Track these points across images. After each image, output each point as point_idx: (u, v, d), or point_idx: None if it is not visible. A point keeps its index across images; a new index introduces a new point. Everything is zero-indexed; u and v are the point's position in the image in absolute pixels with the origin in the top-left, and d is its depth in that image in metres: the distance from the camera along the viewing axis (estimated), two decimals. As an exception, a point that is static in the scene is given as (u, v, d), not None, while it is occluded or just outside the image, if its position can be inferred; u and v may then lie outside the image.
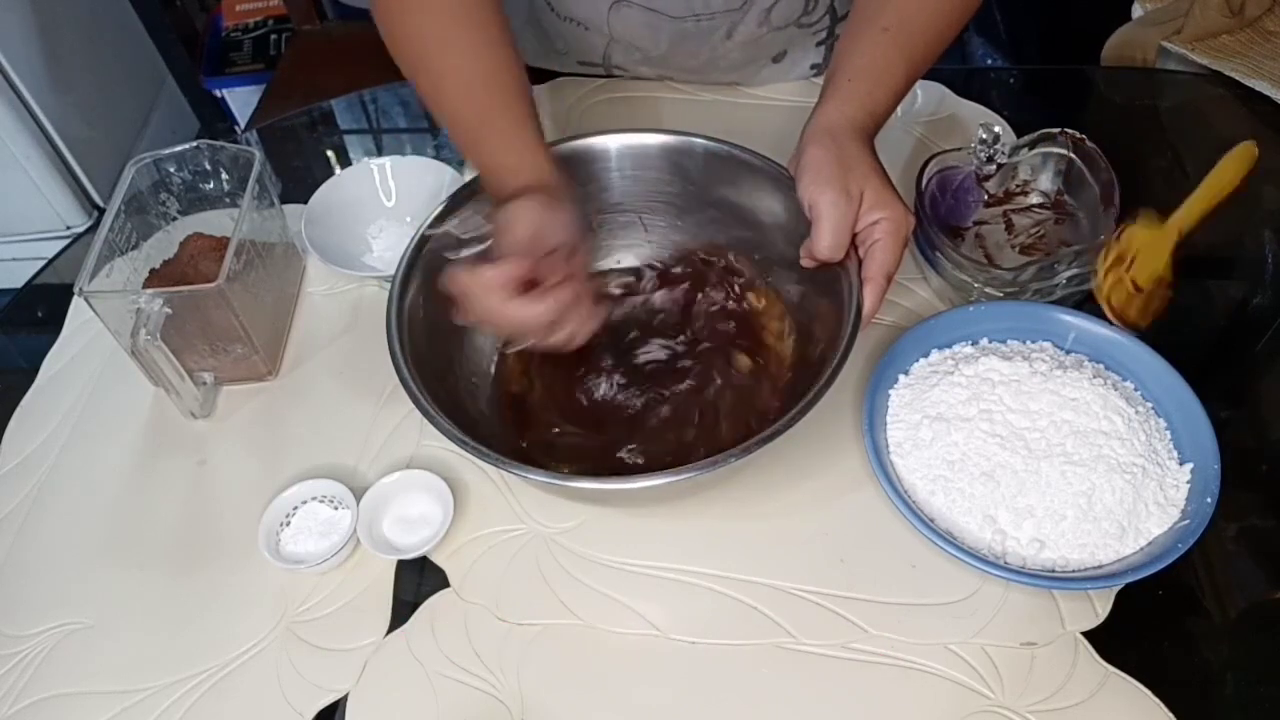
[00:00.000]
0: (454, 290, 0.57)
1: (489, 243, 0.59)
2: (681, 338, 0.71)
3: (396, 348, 0.61)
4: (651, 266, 0.75)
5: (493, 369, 0.71)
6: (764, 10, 0.82)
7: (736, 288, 0.73)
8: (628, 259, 0.76)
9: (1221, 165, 0.73)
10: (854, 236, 0.61)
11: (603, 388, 0.69)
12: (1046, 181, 0.77)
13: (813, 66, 0.92)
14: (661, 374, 0.69)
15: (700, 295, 0.73)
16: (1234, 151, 0.73)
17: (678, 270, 0.75)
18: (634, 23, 0.84)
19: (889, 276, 0.60)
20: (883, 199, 0.60)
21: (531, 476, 0.56)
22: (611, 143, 0.70)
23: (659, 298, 0.74)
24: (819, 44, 0.90)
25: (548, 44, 0.92)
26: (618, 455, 0.66)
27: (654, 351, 0.71)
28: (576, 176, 0.71)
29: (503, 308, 0.56)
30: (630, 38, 0.86)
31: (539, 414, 0.69)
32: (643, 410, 0.68)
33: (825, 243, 0.60)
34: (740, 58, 0.89)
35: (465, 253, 0.56)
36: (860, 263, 0.61)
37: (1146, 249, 0.68)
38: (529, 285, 0.57)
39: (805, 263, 0.64)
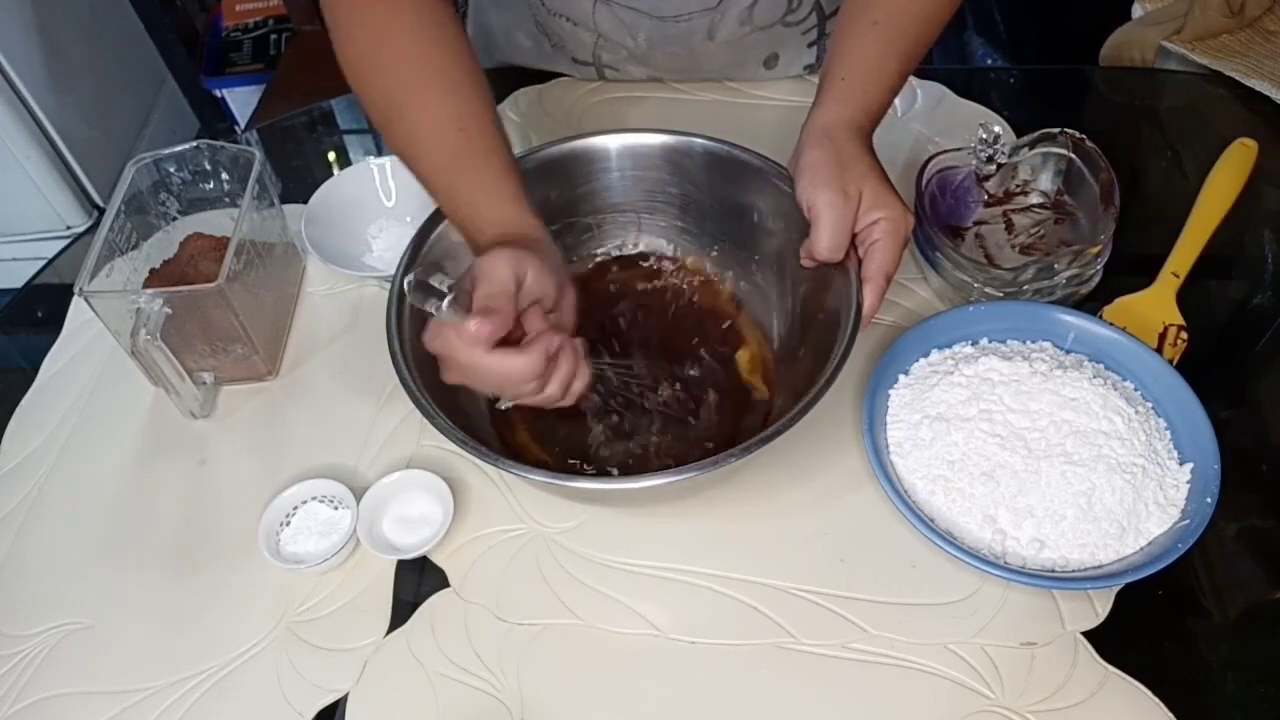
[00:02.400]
0: (434, 348, 0.54)
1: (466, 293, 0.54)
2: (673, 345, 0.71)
3: (397, 348, 0.61)
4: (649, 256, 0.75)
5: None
6: (744, 9, 0.82)
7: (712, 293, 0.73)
8: (622, 256, 0.76)
9: (1207, 192, 0.75)
10: (853, 236, 0.61)
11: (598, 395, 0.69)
12: (1046, 181, 0.77)
13: (806, 67, 0.92)
14: (657, 381, 0.69)
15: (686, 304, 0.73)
16: (1215, 174, 0.75)
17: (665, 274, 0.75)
18: (615, 19, 0.84)
19: (888, 276, 0.60)
20: (882, 199, 0.60)
21: (532, 476, 0.56)
22: (611, 143, 0.70)
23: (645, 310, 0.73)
24: (810, 45, 0.90)
25: (543, 41, 0.92)
26: (615, 452, 0.66)
27: (646, 360, 0.70)
28: (576, 176, 0.71)
29: (485, 361, 0.52)
30: (615, 35, 0.86)
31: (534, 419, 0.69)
32: (637, 417, 0.68)
33: (824, 243, 0.60)
34: (726, 59, 0.89)
35: (444, 304, 0.51)
36: (860, 263, 0.61)
37: (1136, 318, 0.70)
38: (514, 340, 0.54)
39: (805, 263, 0.64)
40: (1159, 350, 0.67)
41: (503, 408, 0.62)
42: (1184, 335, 0.69)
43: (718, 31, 0.84)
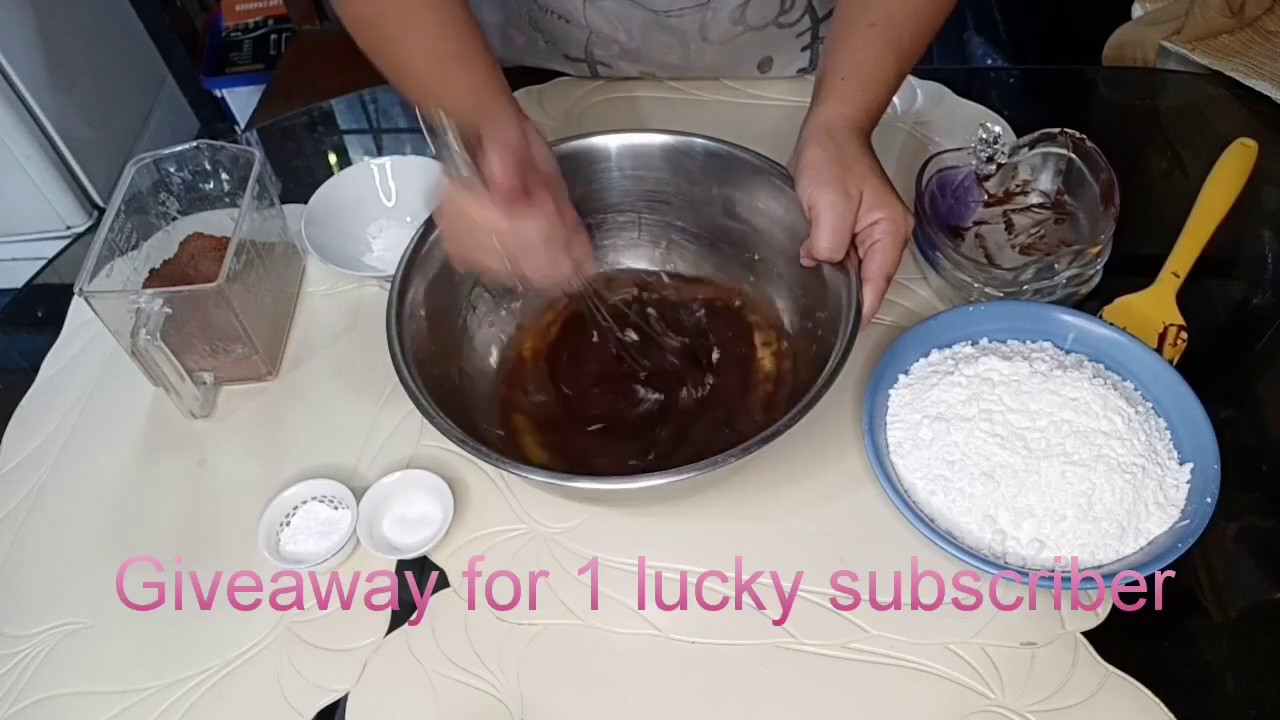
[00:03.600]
0: (443, 214, 0.54)
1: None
2: (677, 345, 0.71)
3: (397, 349, 0.61)
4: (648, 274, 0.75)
5: (494, 362, 0.71)
6: (736, 7, 0.82)
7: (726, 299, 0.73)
8: (626, 258, 0.76)
9: (1207, 192, 0.75)
10: (854, 236, 0.61)
11: (600, 395, 0.69)
12: (1046, 181, 0.77)
13: (800, 70, 0.92)
14: (659, 380, 0.69)
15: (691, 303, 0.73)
16: (1216, 174, 0.75)
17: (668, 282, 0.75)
18: (608, 14, 0.84)
19: (888, 277, 0.60)
20: (882, 199, 0.60)
21: (532, 476, 0.56)
22: (611, 142, 0.70)
23: (653, 310, 0.73)
24: (804, 49, 0.90)
25: (537, 38, 0.92)
26: (618, 453, 0.66)
27: (652, 359, 0.70)
28: (577, 176, 0.71)
29: (503, 219, 0.52)
30: (607, 30, 0.86)
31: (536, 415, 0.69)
32: (642, 415, 0.68)
33: (824, 243, 0.60)
34: (718, 60, 0.89)
35: (461, 166, 0.51)
36: (859, 263, 0.61)
37: (1136, 318, 0.70)
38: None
39: (805, 262, 0.64)
40: (1159, 350, 0.67)
41: (515, 290, 0.60)
42: (1184, 335, 0.69)
43: (710, 31, 0.84)
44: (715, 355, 0.71)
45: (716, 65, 0.90)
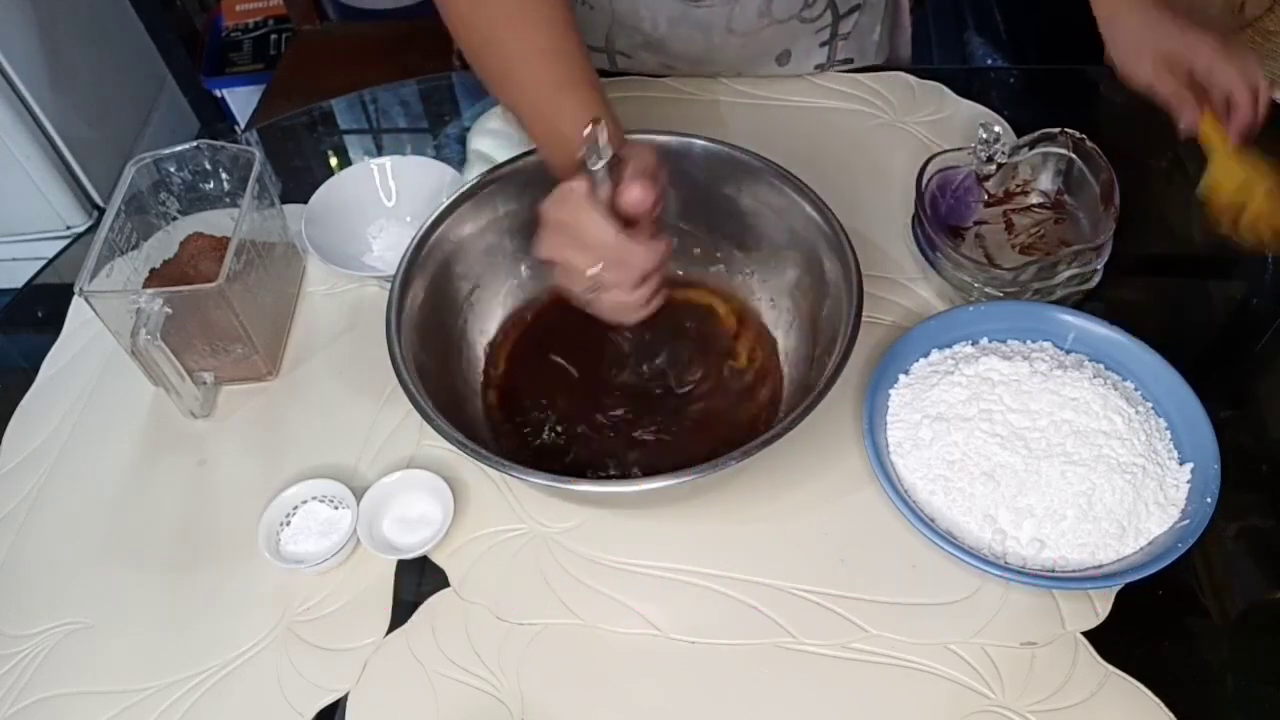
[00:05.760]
0: (558, 211, 0.54)
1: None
2: (674, 346, 0.71)
3: (396, 349, 0.61)
4: None
5: (494, 362, 0.71)
6: (764, 0, 0.83)
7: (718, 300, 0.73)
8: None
9: None
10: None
11: (599, 394, 0.69)
12: (1046, 181, 0.77)
13: (816, 66, 0.92)
14: (659, 381, 0.69)
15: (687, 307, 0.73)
16: None
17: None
18: (634, 3, 0.84)
19: (1252, 86, 0.69)
20: (1213, 52, 0.69)
21: (531, 479, 0.56)
22: None
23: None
24: (822, 44, 0.90)
25: None
26: (616, 452, 0.66)
27: (648, 361, 0.70)
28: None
29: (614, 238, 0.53)
30: (631, 19, 0.86)
31: (533, 412, 0.69)
32: (641, 416, 0.68)
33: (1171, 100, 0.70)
34: (741, 54, 0.89)
35: (599, 165, 0.51)
36: (856, 262, 0.61)
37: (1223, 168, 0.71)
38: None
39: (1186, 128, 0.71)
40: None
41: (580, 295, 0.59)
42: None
43: (736, 23, 0.85)
44: (715, 356, 0.70)
45: (737, 59, 0.90)
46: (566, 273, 0.57)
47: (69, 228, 1.75)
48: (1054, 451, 0.60)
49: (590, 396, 0.69)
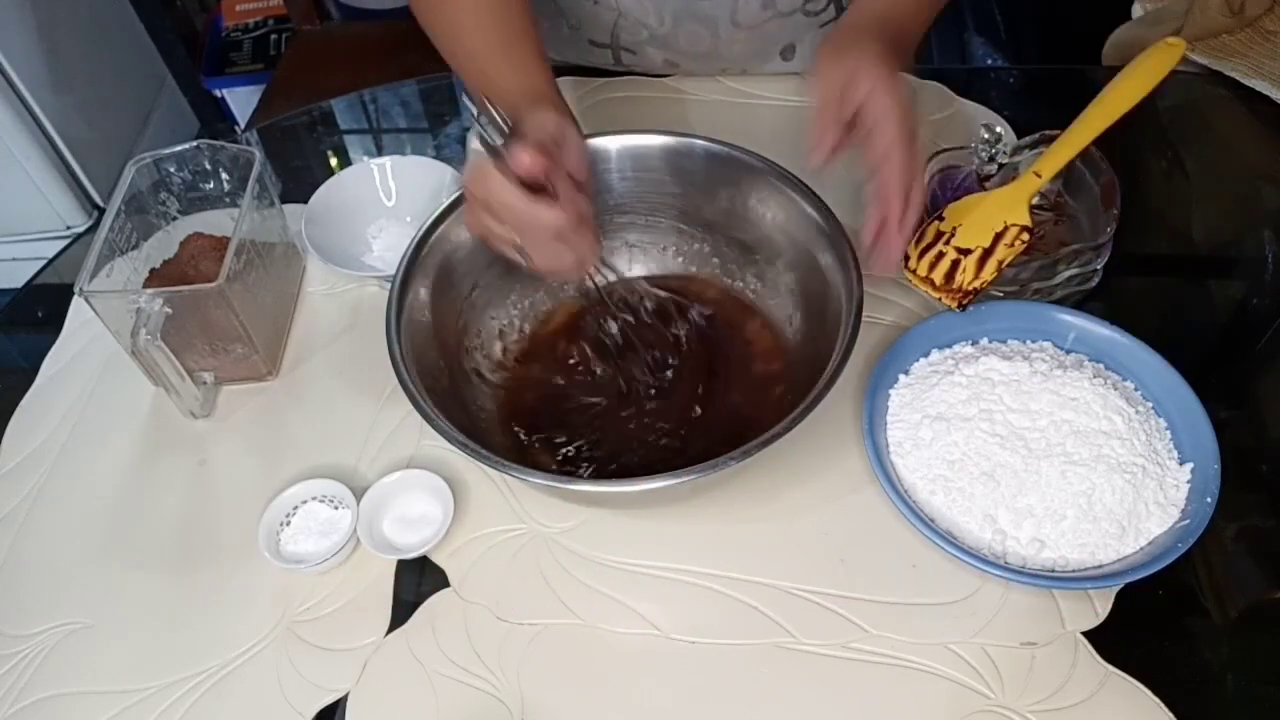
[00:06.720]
0: (470, 183, 0.57)
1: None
2: (676, 344, 0.71)
3: (396, 349, 0.61)
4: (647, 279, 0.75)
5: (495, 362, 0.71)
6: None
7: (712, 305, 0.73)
8: (626, 260, 0.76)
9: (1113, 91, 0.67)
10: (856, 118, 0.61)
11: (598, 394, 0.69)
12: (1046, 181, 0.77)
13: None
14: (658, 382, 0.69)
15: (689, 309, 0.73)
16: (1127, 75, 0.67)
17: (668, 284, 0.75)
18: None
19: (899, 140, 0.58)
20: (877, 74, 0.59)
21: (530, 479, 0.56)
22: (612, 144, 0.70)
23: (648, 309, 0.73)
24: None
25: (561, 23, 0.92)
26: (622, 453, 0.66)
27: (646, 356, 0.70)
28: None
29: (518, 201, 0.56)
30: (637, 13, 0.87)
31: (539, 415, 0.69)
32: (640, 417, 0.68)
33: (818, 113, 0.61)
34: (746, 48, 0.89)
35: (495, 137, 0.56)
36: (857, 269, 0.61)
37: (978, 214, 0.68)
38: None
39: (813, 161, 0.63)
40: (992, 249, 0.66)
41: (522, 268, 0.62)
42: (1024, 237, 0.66)
43: (741, 16, 0.85)
44: (714, 357, 0.70)
45: (742, 54, 0.91)
46: (490, 240, 0.60)
47: (69, 228, 1.75)
48: (1054, 451, 0.60)
49: (590, 396, 0.69)
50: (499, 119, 0.58)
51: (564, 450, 0.67)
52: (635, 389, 0.69)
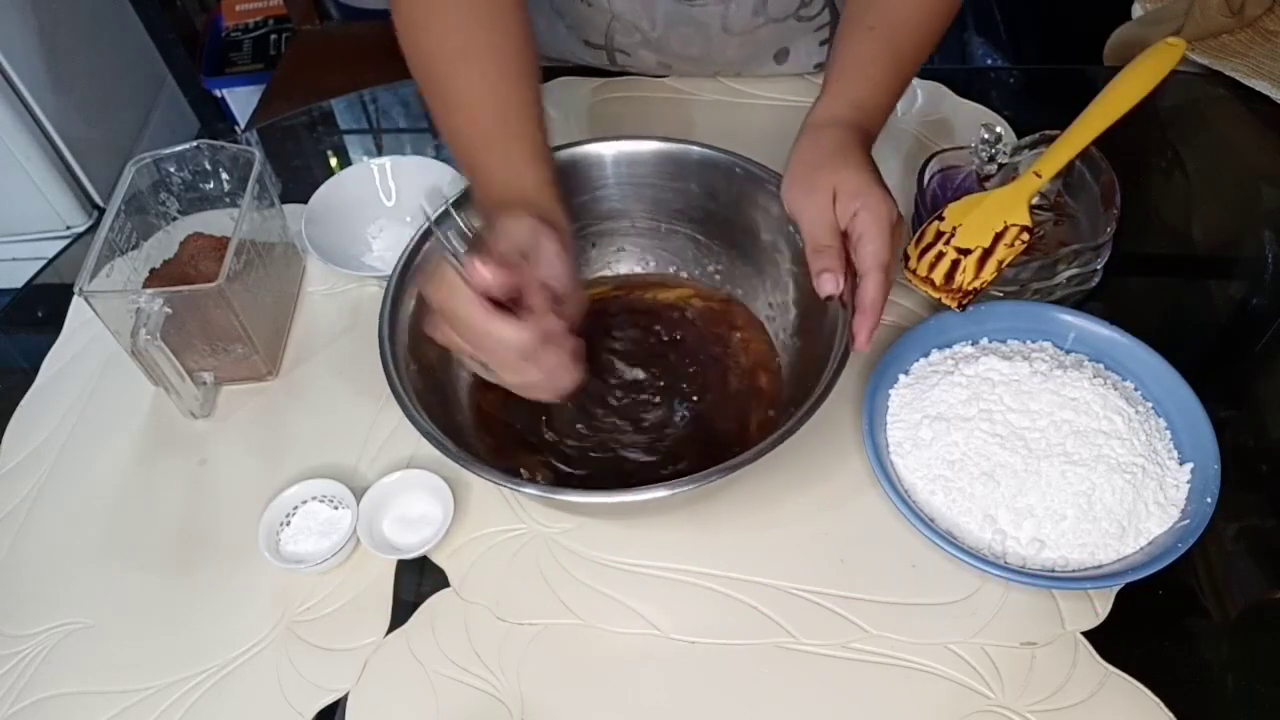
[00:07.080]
0: (430, 292, 0.52)
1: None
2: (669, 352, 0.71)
3: (388, 350, 0.60)
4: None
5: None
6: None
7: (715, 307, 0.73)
8: (620, 265, 0.76)
9: (1113, 91, 0.68)
10: (845, 236, 0.59)
11: (596, 398, 0.69)
12: (1046, 181, 0.77)
13: (817, 65, 0.92)
14: (653, 389, 0.69)
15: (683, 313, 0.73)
16: (1126, 75, 0.67)
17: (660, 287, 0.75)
18: (632, 1, 0.85)
19: (883, 265, 0.57)
20: (859, 189, 0.58)
21: (525, 490, 0.56)
22: (607, 150, 0.70)
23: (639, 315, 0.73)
24: (822, 43, 0.90)
25: (557, 23, 0.92)
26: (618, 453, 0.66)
27: (638, 368, 0.70)
28: (573, 185, 0.70)
29: (479, 318, 0.51)
30: (630, 16, 0.87)
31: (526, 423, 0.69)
32: (639, 421, 0.68)
33: (808, 247, 0.59)
34: (739, 53, 0.89)
35: (457, 242, 0.50)
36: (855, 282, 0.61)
37: (978, 214, 0.67)
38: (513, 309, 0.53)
39: (821, 291, 0.60)
40: (992, 249, 0.65)
41: (480, 377, 0.57)
42: (1024, 237, 0.65)
43: (732, 22, 0.85)
44: (712, 362, 0.70)
45: (736, 58, 0.90)
46: (453, 351, 0.55)
47: (69, 228, 1.75)
48: (1054, 451, 0.60)
49: (589, 402, 0.69)
50: (462, 225, 0.52)
51: (563, 453, 0.67)
52: (634, 394, 0.69)
